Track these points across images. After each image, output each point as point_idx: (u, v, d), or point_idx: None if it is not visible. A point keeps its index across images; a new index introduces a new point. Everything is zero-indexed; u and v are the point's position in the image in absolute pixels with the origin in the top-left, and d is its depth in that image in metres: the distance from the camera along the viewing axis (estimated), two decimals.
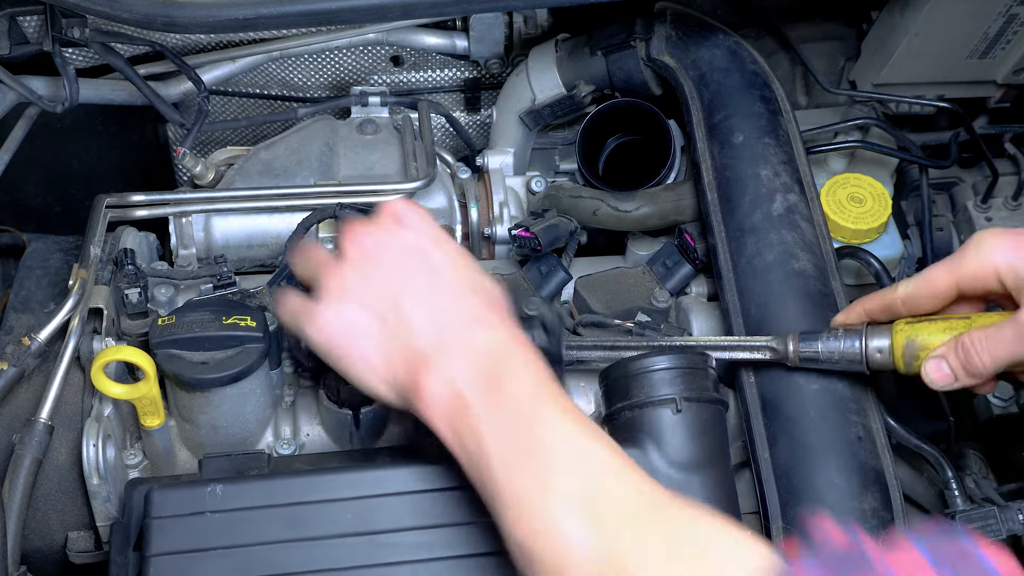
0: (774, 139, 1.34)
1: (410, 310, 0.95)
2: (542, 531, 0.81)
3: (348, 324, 0.98)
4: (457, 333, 0.93)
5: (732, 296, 1.25)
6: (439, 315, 0.95)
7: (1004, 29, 1.48)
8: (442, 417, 0.90)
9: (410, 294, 0.96)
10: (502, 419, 0.87)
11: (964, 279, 1.03)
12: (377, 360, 0.96)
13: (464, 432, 0.88)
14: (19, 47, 1.34)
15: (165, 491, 1.03)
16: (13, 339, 1.21)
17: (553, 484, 0.82)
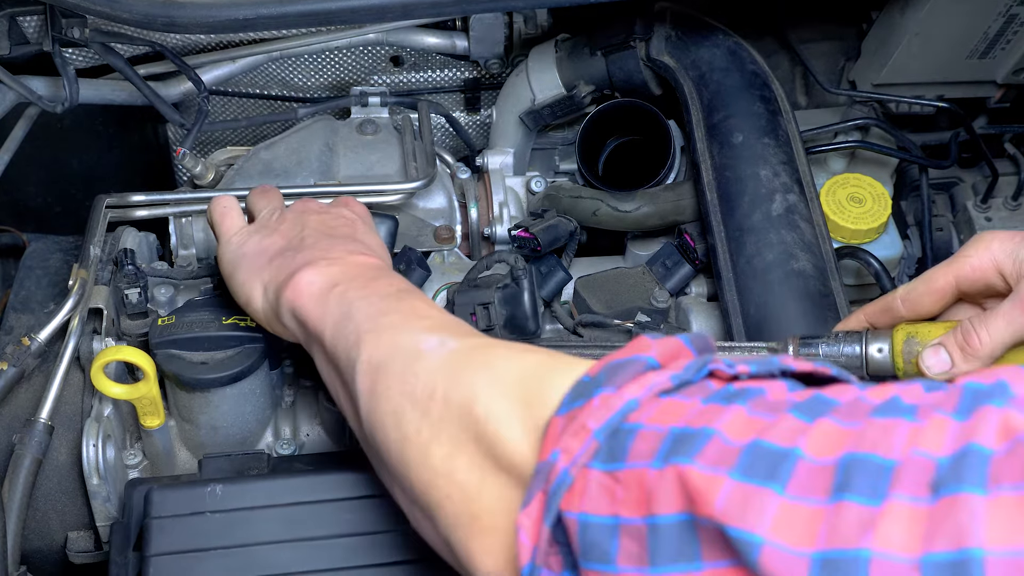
0: (774, 139, 1.34)
1: (313, 241, 1.05)
2: (401, 345, 0.85)
3: (255, 244, 1.09)
4: (346, 256, 1.02)
5: (732, 296, 1.25)
6: (335, 249, 1.03)
7: (1004, 29, 1.48)
8: (310, 296, 0.96)
9: (318, 234, 1.06)
10: (372, 293, 0.93)
11: (963, 274, 1.02)
12: (263, 263, 1.06)
13: (332, 301, 0.94)
14: (19, 47, 1.34)
15: (165, 491, 1.03)
16: (13, 339, 1.21)
17: (415, 324, 0.87)
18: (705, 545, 0.59)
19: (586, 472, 0.65)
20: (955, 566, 0.50)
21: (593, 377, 0.69)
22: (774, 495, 0.56)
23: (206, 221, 1.39)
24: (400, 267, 1.26)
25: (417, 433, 0.78)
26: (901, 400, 0.59)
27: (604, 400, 0.67)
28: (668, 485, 0.61)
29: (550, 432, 0.69)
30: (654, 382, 0.67)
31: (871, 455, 0.56)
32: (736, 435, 0.61)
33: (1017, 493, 0.50)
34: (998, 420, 0.53)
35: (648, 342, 0.71)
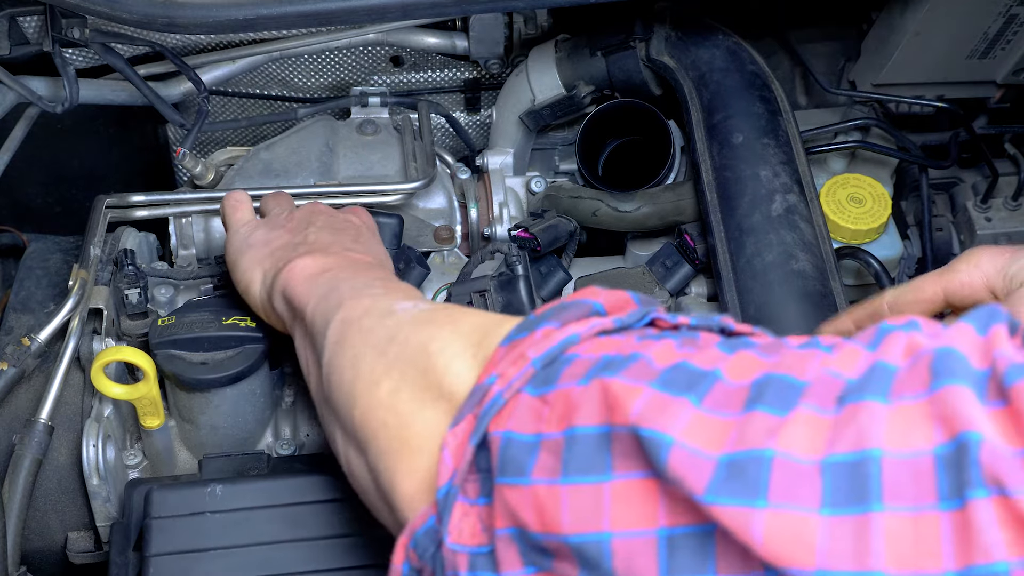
0: (773, 139, 1.34)
1: (316, 238, 1.08)
2: (376, 306, 0.88)
3: (262, 236, 1.13)
4: (344, 252, 1.05)
5: (731, 296, 1.25)
6: (335, 246, 1.06)
7: (1004, 29, 1.48)
8: (302, 279, 0.99)
9: (322, 232, 1.10)
10: (360, 276, 0.97)
11: (952, 288, 1.02)
12: (266, 253, 1.09)
13: (321, 281, 0.97)
14: (19, 47, 1.34)
15: (165, 491, 1.03)
16: (13, 339, 1.21)
17: (395, 296, 0.90)
18: (617, 457, 0.60)
19: (518, 396, 0.67)
20: (854, 466, 0.52)
21: (539, 315, 0.72)
22: (690, 405, 0.59)
23: (206, 221, 1.40)
24: (399, 266, 1.26)
25: (371, 371, 0.81)
26: (819, 341, 0.63)
27: (546, 333, 0.70)
28: (590, 397, 0.63)
29: (491, 359, 0.71)
30: (597, 322, 0.70)
31: (785, 376, 0.58)
32: (661, 360, 0.63)
33: (917, 401, 0.53)
34: (905, 342, 0.57)
35: (597, 290, 0.74)
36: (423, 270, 1.27)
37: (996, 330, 0.55)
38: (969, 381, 0.52)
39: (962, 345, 0.55)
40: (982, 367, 0.53)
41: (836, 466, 0.53)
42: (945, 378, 0.53)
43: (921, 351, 0.55)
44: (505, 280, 1.25)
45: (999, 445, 0.49)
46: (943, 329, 0.58)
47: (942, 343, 0.55)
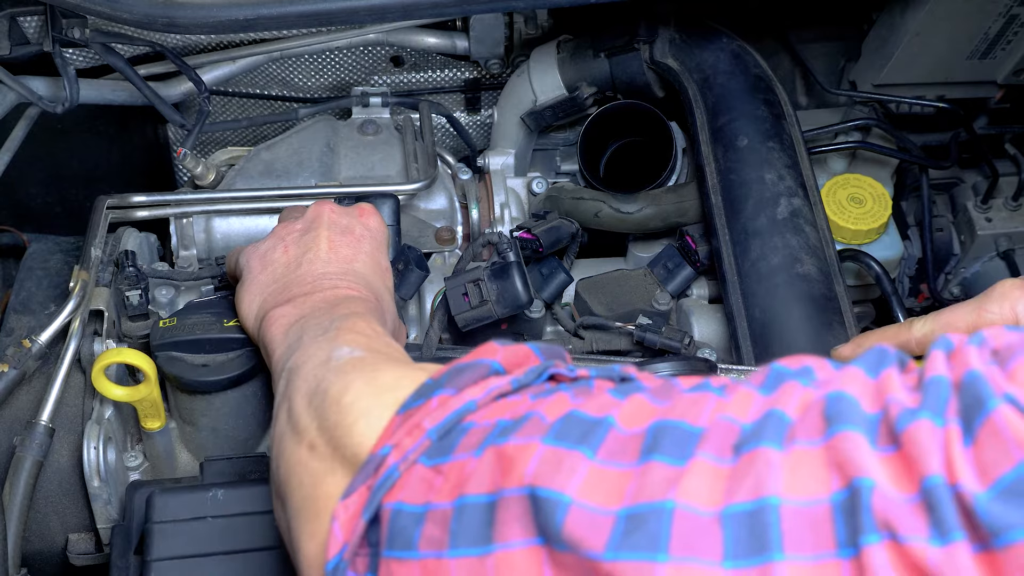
0: (778, 143, 1.34)
1: (307, 268, 1.09)
2: (317, 353, 0.87)
3: (265, 251, 1.14)
4: (329, 290, 1.05)
5: (736, 299, 1.25)
6: (325, 281, 1.06)
7: (1004, 30, 1.48)
8: (279, 328, 1.01)
9: (316, 258, 1.09)
10: (327, 316, 0.96)
11: (982, 324, 1.00)
12: (261, 288, 1.10)
13: (292, 331, 0.98)
14: (19, 47, 1.34)
15: (166, 495, 1.03)
16: (14, 341, 1.20)
17: (345, 338, 0.89)
18: (502, 525, 0.60)
19: (412, 468, 0.66)
20: (753, 515, 0.52)
21: (436, 379, 0.71)
22: (584, 458, 0.58)
23: (207, 222, 1.39)
24: (398, 267, 1.26)
25: (296, 423, 0.80)
26: (710, 383, 0.62)
27: (443, 401, 0.69)
28: (484, 466, 0.62)
29: (387, 429, 0.70)
30: (494, 385, 0.69)
31: (680, 422, 0.58)
32: (553, 413, 0.63)
33: (810, 447, 0.53)
34: (800, 396, 0.56)
35: (495, 348, 0.73)
36: (422, 272, 1.26)
37: (887, 374, 0.55)
38: (861, 427, 0.52)
39: (853, 389, 0.55)
40: (873, 411, 0.53)
41: (735, 516, 0.52)
42: (839, 424, 0.53)
43: (813, 403, 0.55)
44: (498, 268, 1.25)
45: (889, 491, 0.50)
46: (835, 373, 0.57)
47: (833, 388, 0.55)
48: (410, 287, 1.26)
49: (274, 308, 1.04)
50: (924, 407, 0.52)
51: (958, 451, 0.49)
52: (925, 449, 0.50)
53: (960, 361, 0.54)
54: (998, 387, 0.51)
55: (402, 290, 1.25)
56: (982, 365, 0.52)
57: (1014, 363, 0.52)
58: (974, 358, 0.53)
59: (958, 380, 0.53)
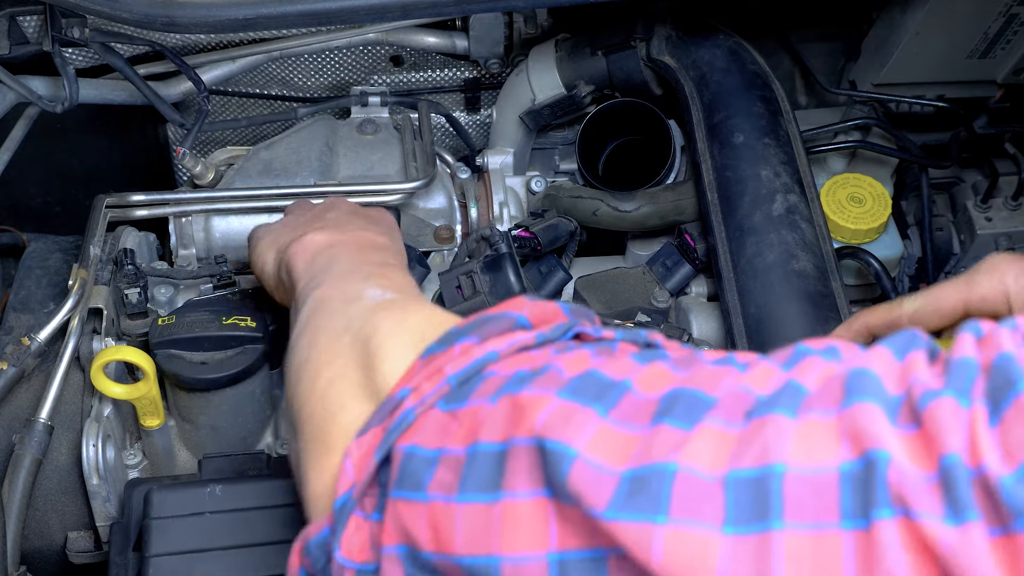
0: (774, 139, 1.34)
1: (334, 217, 1.09)
2: (348, 290, 0.87)
3: (282, 223, 1.15)
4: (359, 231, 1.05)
5: (732, 296, 1.25)
6: (351, 224, 1.06)
7: (1004, 29, 1.48)
8: (305, 252, 0.99)
9: (341, 214, 1.11)
10: (358, 256, 0.97)
11: (973, 300, 1.00)
12: (282, 232, 1.10)
13: (321, 256, 0.97)
14: (19, 47, 1.34)
15: (165, 492, 1.03)
16: (13, 339, 1.20)
17: (376, 281, 0.88)
18: (511, 475, 0.59)
19: (429, 412, 0.66)
20: (756, 482, 0.51)
21: (461, 327, 0.71)
22: (596, 416, 0.58)
23: (206, 221, 1.40)
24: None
25: (318, 356, 0.80)
26: (735, 358, 0.61)
27: (465, 349, 0.69)
28: (498, 414, 0.62)
29: (408, 372, 0.70)
30: (518, 339, 0.68)
31: (696, 391, 0.57)
32: (572, 369, 0.62)
33: (825, 418, 0.52)
34: (821, 369, 0.55)
35: (524, 302, 0.72)
36: (423, 270, 1.27)
37: (914, 356, 0.54)
38: (880, 401, 0.51)
39: (878, 367, 0.54)
40: (897, 392, 0.52)
41: (739, 482, 0.51)
42: (856, 395, 0.52)
43: (833, 376, 0.54)
44: (490, 260, 1.25)
45: (907, 466, 0.48)
46: (862, 352, 0.56)
47: (858, 364, 0.54)
48: None
49: (301, 236, 1.02)
50: (949, 386, 0.50)
51: (983, 431, 0.48)
52: (946, 427, 0.49)
53: (991, 344, 0.52)
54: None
55: None
56: (1015, 348, 0.51)
57: None
58: (1006, 341, 0.52)
59: (988, 362, 0.51)
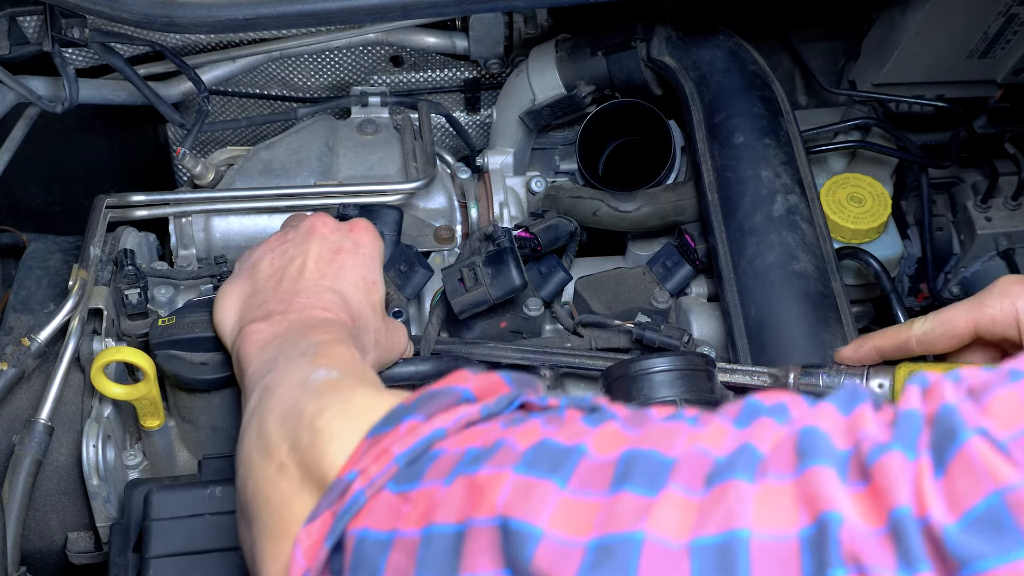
0: (774, 140, 1.34)
1: (289, 285, 1.08)
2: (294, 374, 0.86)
3: (255, 260, 1.13)
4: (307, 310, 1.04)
5: (733, 297, 1.25)
6: (300, 298, 1.05)
7: (1004, 29, 1.48)
8: (253, 344, 0.99)
9: (299, 275, 1.09)
10: (304, 338, 0.95)
11: (983, 322, 1.01)
12: (241, 299, 1.10)
13: (268, 349, 0.97)
14: (19, 47, 1.34)
15: (164, 493, 1.03)
16: (13, 340, 1.21)
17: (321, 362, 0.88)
18: (468, 556, 0.59)
19: (379, 494, 0.66)
20: (722, 548, 0.52)
21: (406, 404, 0.70)
22: (556, 488, 0.58)
23: (206, 221, 1.40)
24: (402, 267, 1.26)
25: (267, 442, 0.79)
26: (684, 413, 0.63)
27: (412, 427, 0.68)
28: (453, 495, 0.62)
29: (354, 454, 0.69)
30: (464, 413, 0.68)
31: (652, 451, 0.58)
32: (524, 441, 0.62)
33: (782, 482, 0.53)
34: (774, 433, 0.57)
35: (467, 375, 0.72)
36: (426, 271, 1.27)
37: (860, 410, 0.55)
38: (831, 460, 0.53)
39: (825, 424, 0.55)
40: (845, 447, 0.54)
41: (704, 548, 0.52)
42: (810, 459, 0.53)
43: (785, 439, 0.55)
44: (492, 254, 1.25)
45: (858, 524, 0.50)
46: (809, 409, 0.58)
47: (806, 423, 0.55)
48: (414, 287, 1.26)
49: (250, 323, 1.03)
50: (896, 440, 0.52)
51: (929, 483, 0.50)
52: (895, 481, 0.50)
53: (935, 396, 0.54)
54: (971, 420, 0.51)
55: (406, 290, 1.25)
56: (956, 399, 0.53)
57: (988, 397, 0.52)
58: (949, 393, 0.54)
59: (932, 414, 0.53)
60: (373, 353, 1.11)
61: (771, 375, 1.14)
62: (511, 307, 1.30)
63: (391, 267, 1.25)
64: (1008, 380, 0.52)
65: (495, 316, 1.30)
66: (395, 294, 1.24)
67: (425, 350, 1.26)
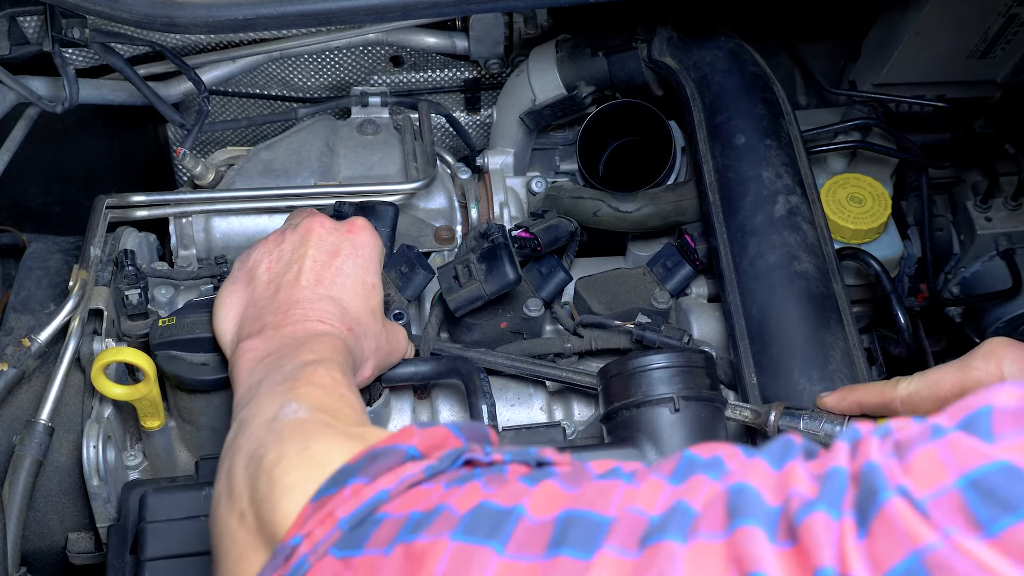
0: (776, 141, 1.33)
1: (285, 295, 1.07)
2: (266, 407, 0.86)
3: (252, 264, 1.13)
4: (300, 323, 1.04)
5: (734, 297, 1.25)
6: (295, 312, 1.05)
7: (1004, 29, 1.48)
8: (245, 363, 0.99)
9: (295, 283, 1.09)
10: (290, 361, 0.95)
11: (969, 384, 1.00)
12: (239, 309, 1.10)
13: (257, 370, 0.97)
14: (19, 47, 1.34)
15: (159, 495, 1.03)
16: (13, 340, 1.21)
17: (297, 390, 0.88)
18: None
19: (323, 560, 0.65)
20: None
21: (351, 465, 0.70)
22: (494, 554, 0.58)
23: (206, 221, 1.40)
24: (403, 268, 1.26)
25: (233, 487, 0.79)
26: (621, 469, 0.62)
27: (356, 490, 0.68)
28: (393, 564, 0.61)
29: (299, 517, 0.69)
30: (408, 473, 0.68)
31: (589, 512, 0.58)
32: (464, 504, 0.62)
33: (712, 541, 0.53)
34: (708, 489, 0.57)
35: (413, 431, 0.72)
36: (427, 273, 1.27)
37: (791, 466, 0.55)
38: (761, 520, 0.53)
39: (755, 481, 0.55)
40: (776, 503, 0.54)
41: None
42: (740, 518, 0.53)
43: (718, 495, 0.56)
44: (486, 250, 1.26)
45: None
46: (741, 464, 0.58)
47: (736, 480, 0.56)
48: (415, 288, 1.26)
49: (245, 340, 1.03)
50: (821, 499, 0.52)
51: (851, 544, 0.50)
52: (819, 541, 0.50)
53: (861, 453, 0.54)
54: (893, 478, 0.51)
55: (407, 291, 1.25)
56: (880, 457, 0.53)
57: (911, 455, 0.52)
58: (874, 450, 0.54)
59: (857, 471, 0.53)
60: (373, 358, 1.11)
61: (752, 411, 1.13)
62: (511, 307, 1.31)
63: (392, 268, 1.25)
64: (930, 437, 0.52)
65: (495, 317, 1.30)
66: (396, 296, 1.24)
67: (424, 350, 1.26)
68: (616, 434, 1.11)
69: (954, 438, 0.51)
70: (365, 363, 1.09)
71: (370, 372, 1.11)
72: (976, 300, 1.66)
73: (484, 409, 1.16)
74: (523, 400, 1.29)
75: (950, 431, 0.52)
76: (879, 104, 1.58)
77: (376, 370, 1.13)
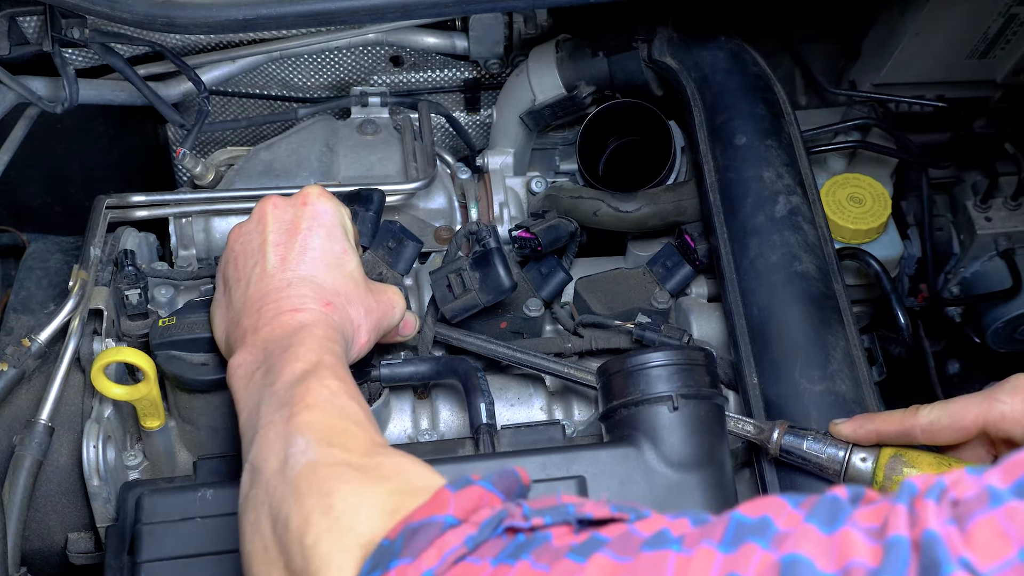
0: (776, 141, 1.33)
1: (255, 291, 1.06)
2: (275, 449, 0.85)
3: (223, 266, 1.13)
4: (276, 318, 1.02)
5: (734, 297, 1.25)
6: (268, 308, 1.03)
7: (1004, 29, 1.48)
8: (239, 379, 0.99)
9: (261, 267, 1.07)
10: (280, 380, 0.93)
11: (993, 417, 0.99)
12: (222, 314, 1.11)
13: (251, 389, 0.96)
14: (19, 47, 1.34)
15: (155, 496, 1.03)
16: (13, 340, 1.21)
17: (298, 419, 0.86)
18: None
19: None
20: None
21: (392, 542, 0.69)
22: None
23: (206, 222, 1.40)
24: (389, 244, 1.25)
25: (265, 548, 0.79)
26: (669, 532, 0.62)
27: (401, 572, 0.67)
28: None
29: None
30: (451, 548, 0.67)
31: None
32: None
33: None
34: (759, 559, 0.56)
35: (447, 497, 0.71)
36: (416, 244, 1.25)
37: (845, 532, 0.55)
38: None
39: (807, 549, 0.55)
40: (831, 571, 0.53)
41: None
42: None
43: (770, 565, 0.55)
44: (479, 256, 1.25)
45: None
46: (791, 529, 0.57)
47: (787, 551, 0.55)
48: (407, 261, 1.25)
49: (233, 355, 1.02)
50: (886, 570, 0.52)
51: None
52: None
53: (920, 518, 0.54)
54: (954, 550, 0.51)
55: (399, 265, 1.24)
56: (939, 524, 0.53)
57: (971, 523, 0.52)
58: (931, 516, 0.53)
59: (917, 539, 0.53)
60: (366, 322, 1.08)
61: (756, 426, 1.13)
62: (511, 308, 1.31)
63: (379, 246, 1.24)
64: (989, 504, 0.52)
65: (495, 317, 1.30)
66: (388, 272, 1.23)
67: (423, 350, 1.26)
68: (615, 432, 1.11)
69: (1013, 507, 0.51)
70: (358, 330, 1.07)
71: (367, 337, 1.08)
72: (976, 300, 1.66)
73: (483, 408, 1.16)
74: (523, 400, 1.29)
75: (1008, 498, 0.52)
76: (879, 104, 1.58)
77: (375, 333, 1.10)
